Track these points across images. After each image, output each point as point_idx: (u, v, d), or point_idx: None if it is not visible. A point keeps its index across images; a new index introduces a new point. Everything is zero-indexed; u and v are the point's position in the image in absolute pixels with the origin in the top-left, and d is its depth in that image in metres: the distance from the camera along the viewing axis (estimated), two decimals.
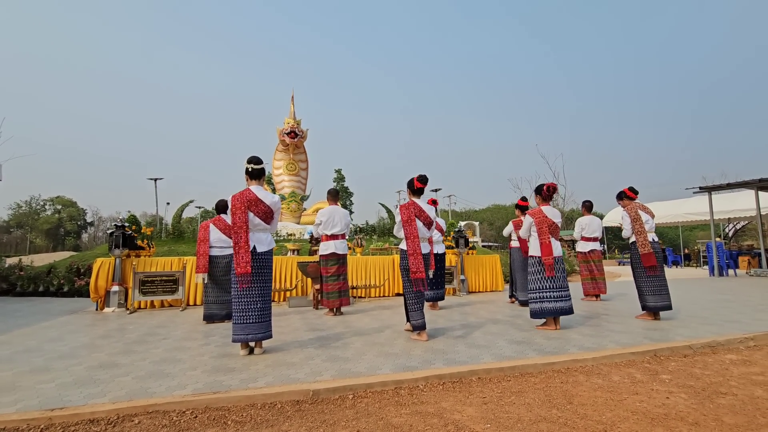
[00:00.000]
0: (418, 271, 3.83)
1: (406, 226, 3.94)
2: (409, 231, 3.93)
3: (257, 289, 3.39)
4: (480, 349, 3.52)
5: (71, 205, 53.17)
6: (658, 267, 4.83)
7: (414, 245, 3.88)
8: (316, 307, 6.14)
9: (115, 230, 6.14)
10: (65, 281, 8.23)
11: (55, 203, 52.72)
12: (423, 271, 3.83)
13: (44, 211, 52.26)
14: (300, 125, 14.83)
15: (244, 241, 3.37)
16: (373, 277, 7.44)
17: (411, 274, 3.85)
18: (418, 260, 3.84)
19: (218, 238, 5.19)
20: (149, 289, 6.09)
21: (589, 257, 6.77)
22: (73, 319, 5.33)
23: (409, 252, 3.89)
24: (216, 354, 3.44)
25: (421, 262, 3.85)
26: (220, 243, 5.18)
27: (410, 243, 3.89)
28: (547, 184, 4.49)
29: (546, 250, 4.32)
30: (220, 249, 5.19)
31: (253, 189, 3.50)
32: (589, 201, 6.93)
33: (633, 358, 3.36)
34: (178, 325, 4.88)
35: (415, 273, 3.83)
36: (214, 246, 5.17)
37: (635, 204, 5.06)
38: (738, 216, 16.58)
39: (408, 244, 3.91)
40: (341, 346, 3.65)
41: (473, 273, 8.34)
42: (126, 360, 3.26)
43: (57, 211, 52.76)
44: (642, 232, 4.92)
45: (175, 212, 11.96)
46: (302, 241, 11.12)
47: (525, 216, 4.68)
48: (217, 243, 5.18)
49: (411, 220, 3.94)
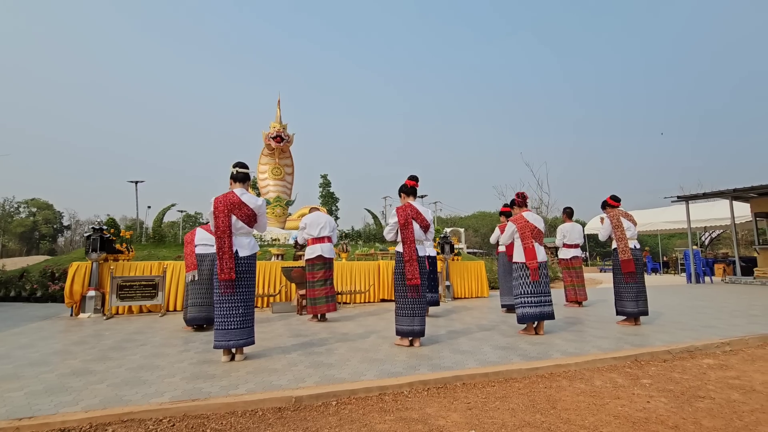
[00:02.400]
0: (414, 277, 3.73)
1: (403, 230, 3.82)
2: (406, 235, 3.81)
3: (240, 294, 3.33)
4: (465, 354, 3.52)
5: (47, 207, 51.58)
6: (636, 274, 4.93)
7: (410, 250, 3.78)
8: (300, 312, 6.06)
9: (92, 233, 5.97)
10: (38, 286, 7.94)
11: (30, 206, 51.09)
12: (418, 278, 3.73)
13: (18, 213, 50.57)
14: (286, 130, 14.75)
15: (228, 246, 3.31)
16: (359, 282, 7.40)
17: (407, 280, 3.76)
18: (414, 266, 3.75)
19: (203, 237, 5.02)
20: (127, 294, 5.92)
21: (571, 264, 6.88)
22: (46, 325, 5.14)
23: (405, 257, 3.79)
24: (196, 360, 3.35)
25: (416, 268, 3.75)
26: (204, 241, 5.02)
27: (406, 248, 3.79)
28: (518, 192, 4.76)
29: (530, 254, 4.38)
30: (204, 247, 5.00)
31: (237, 192, 3.45)
32: (569, 208, 7.05)
33: (615, 363, 3.40)
34: (156, 331, 4.74)
35: (411, 280, 3.74)
36: (199, 244, 5.01)
37: (617, 211, 5.17)
38: (714, 225, 17.12)
39: (404, 249, 3.81)
40: (325, 353, 3.61)
41: (458, 279, 8.37)
42: (101, 367, 3.15)
43: (32, 213, 51.11)
44: (623, 238, 5.02)
45: (156, 216, 11.70)
46: (287, 246, 11.01)
47: (508, 223, 4.75)
48: (201, 241, 5.02)
49: (408, 223, 3.82)
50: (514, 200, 4.77)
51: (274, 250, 7.96)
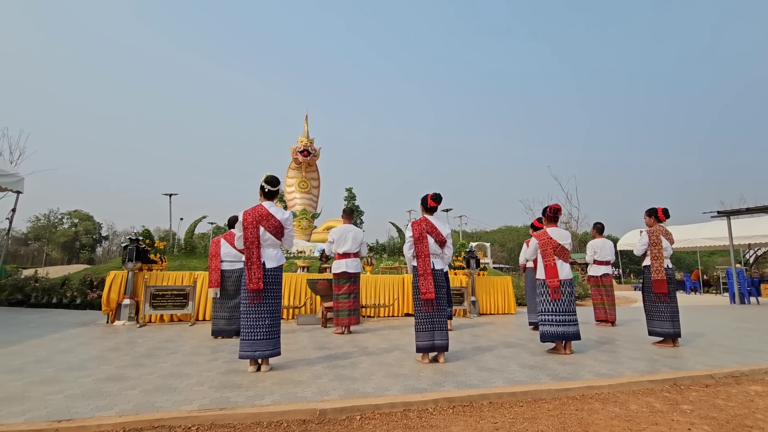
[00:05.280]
0: (428, 291, 3.73)
1: (417, 244, 3.85)
2: (420, 249, 3.84)
3: (266, 305, 3.39)
4: (491, 372, 3.44)
5: (88, 219, 54.30)
6: (669, 294, 4.74)
7: (425, 264, 3.79)
8: (324, 325, 6.09)
9: (129, 244, 6.23)
10: (78, 293, 8.34)
11: (72, 217, 53.93)
12: (433, 292, 3.72)
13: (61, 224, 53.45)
14: (313, 144, 15.08)
15: (256, 256, 3.39)
16: (383, 296, 7.38)
17: (420, 294, 3.77)
18: (428, 281, 3.75)
19: (228, 252, 5.20)
20: (160, 303, 6.13)
21: (601, 281, 6.64)
22: (84, 332, 5.37)
23: (419, 272, 3.81)
24: (223, 370, 3.42)
25: (431, 282, 3.74)
26: (230, 258, 5.20)
27: (421, 262, 3.82)
28: (551, 205, 4.54)
29: (551, 272, 4.26)
30: (230, 263, 5.20)
31: (266, 205, 3.55)
32: (600, 223, 6.84)
33: (651, 386, 3.24)
34: (186, 339, 4.87)
35: (425, 294, 3.74)
36: (224, 260, 5.19)
37: (660, 228, 4.99)
38: (759, 242, 16.14)
39: (419, 263, 3.83)
40: (349, 366, 3.60)
41: (484, 294, 8.21)
42: (134, 373, 3.26)
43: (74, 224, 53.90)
44: (659, 257, 4.85)
45: (187, 228, 12.14)
46: (312, 258, 11.14)
47: (532, 238, 4.66)
48: (227, 257, 5.20)
49: (422, 237, 3.86)
50: (545, 211, 4.60)
51: (300, 262, 8.08)
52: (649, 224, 5.09)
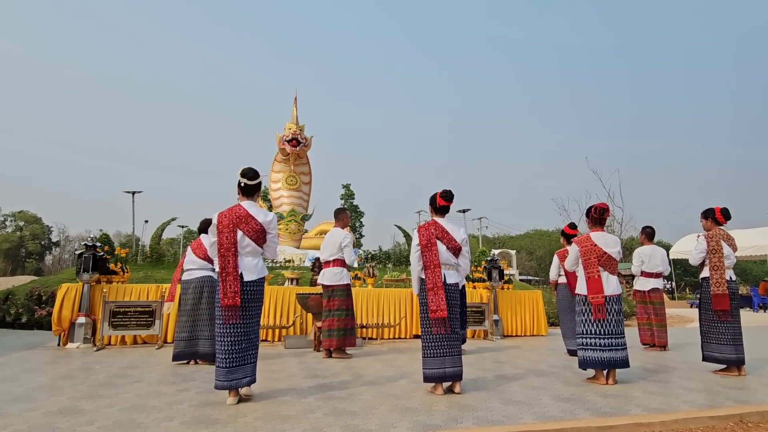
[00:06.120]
0: (439, 309, 3.71)
1: (425, 252, 3.83)
2: (429, 258, 3.82)
3: (243, 326, 3.40)
4: (518, 406, 3.43)
5: (35, 221, 54.75)
6: (731, 312, 4.71)
7: (434, 276, 3.77)
8: (317, 348, 6.11)
9: (84, 251, 6.28)
10: (24, 310, 8.41)
11: (16, 219, 54.37)
12: (445, 310, 3.70)
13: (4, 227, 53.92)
14: (303, 131, 15.13)
15: (233, 266, 3.40)
16: (387, 314, 7.38)
17: (430, 312, 3.76)
18: (439, 296, 3.73)
19: (189, 260, 5.17)
20: (121, 321, 6.16)
21: (649, 297, 6.62)
22: (31, 356, 5.40)
23: (428, 285, 3.79)
24: (197, 402, 3.43)
25: (442, 298, 3.72)
26: (189, 265, 5.16)
27: (429, 273, 3.80)
28: (597, 204, 4.48)
29: (594, 286, 4.23)
30: (188, 272, 5.15)
31: (245, 205, 3.56)
32: (650, 227, 6.83)
33: (713, 423, 3.22)
34: (152, 365, 4.89)
35: (435, 312, 3.72)
36: (186, 269, 5.15)
37: (720, 231, 4.96)
38: None
39: (427, 274, 3.81)
40: (347, 398, 3.61)
41: (509, 312, 8.20)
42: (91, 406, 3.28)
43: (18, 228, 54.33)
44: (719, 267, 4.82)
45: (154, 232, 12.21)
46: (303, 268, 11.17)
47: (572, 245, 4.64)
48: (187, 265, 5.17)
49: (431, 244, 3.83)
50: (589, 211, 4.51)
51: (287, 273, 8.11)
52: (707, 228, 5.06)
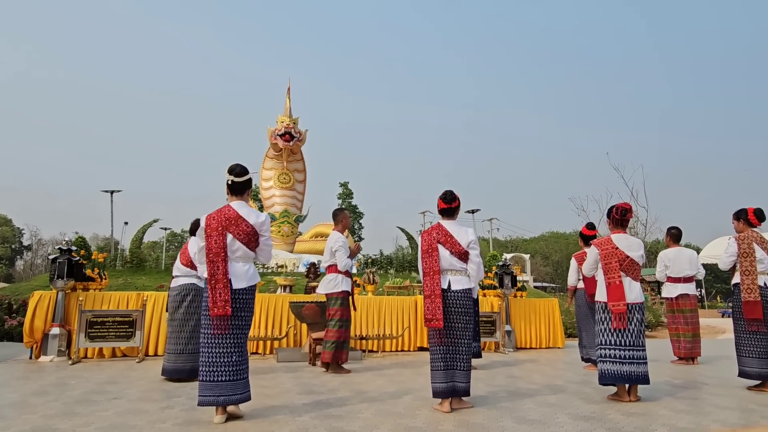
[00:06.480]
0: (434, 318, 3.77)
1: (425, 258, 3.90)
2: (429, 264, 3.87)
3: (233, 337, 3.39)
4: (533, 425, 3.43)
5: (5, 223, 54.82)
6: (764, 321, 4.70)
7: (432, 283, 3.83)
8: (312, 362, 6.10)
9: (58, 255, 6.29)
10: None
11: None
12: (440, 319, 3.76)
13: None
14: (297, 125, 15.14)
15: (222, 272, 3.39)
16: (390, 324, 7.38)
17: (425, 321, 3.83)
18: (435, 304, 3.79)
19: (175, 265, 5.17)
20: (98, 332, 6.16)
21: (677, 305, 6.60)
22: (1, 370, 5.42)
23: (425, 292, 3.87)
24: (181, 420, 3.43)
25: (438, 306, 3.77)
26: (174, 271, 5.16)
27: (428, 280, 3.86)
28: (619, 204, 4.49)
29: (614, 293, 4.23)
30: (174, 279, 5.15)
31: (234, 205, 3.56)
32: (675, 228, 6.82)
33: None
34: (133, 380, 4.90)
35: (430, 321, 3.79)
36: (174, 276, 5.15)
37: (753, 234, 4.95)
38: None
39: (425, 281, 3.88)
40: (345, 416, 3.60)
41: (523, 322, 8.20)
42: (66, 425, 3.28)
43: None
44: (751, 272, 4.80)
45: (134, 235, 12.22)
46: (297, 274, 11.18)
47: (590, 247, 4.64)
48: (173, 271, 5.17)
49: (432, 249, 3.89)
50: (610, 212, 4.51)
51: (280, 279, 8.12)
52: (738, 229, 5.05)
